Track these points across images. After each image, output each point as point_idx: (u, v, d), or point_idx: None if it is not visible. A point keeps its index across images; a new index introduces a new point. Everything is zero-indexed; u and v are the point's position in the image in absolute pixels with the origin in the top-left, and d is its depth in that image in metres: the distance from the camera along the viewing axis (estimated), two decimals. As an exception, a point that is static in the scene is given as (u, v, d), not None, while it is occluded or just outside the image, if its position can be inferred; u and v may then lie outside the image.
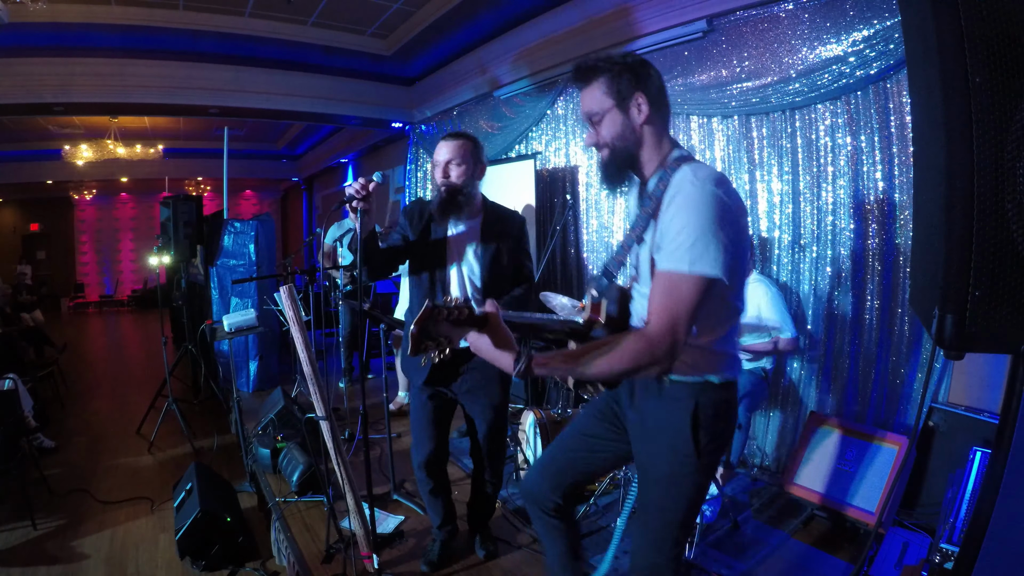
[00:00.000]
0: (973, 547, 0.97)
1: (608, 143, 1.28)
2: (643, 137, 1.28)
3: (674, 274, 1.12)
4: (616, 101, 1.26)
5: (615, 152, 1.28)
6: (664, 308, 1.12)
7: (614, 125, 1.27)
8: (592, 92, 1.28)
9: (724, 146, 3.42)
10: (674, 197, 1.16)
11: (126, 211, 14.11)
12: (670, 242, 1.13)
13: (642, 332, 1.14)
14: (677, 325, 1.10)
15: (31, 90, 5.12)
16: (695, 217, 1.11)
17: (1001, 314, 0.85)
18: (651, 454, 1.32)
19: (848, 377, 2.94)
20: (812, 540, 2.50)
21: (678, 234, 1.12)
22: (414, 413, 2.22)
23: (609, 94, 1.26)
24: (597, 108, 1.28)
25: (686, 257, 1.10)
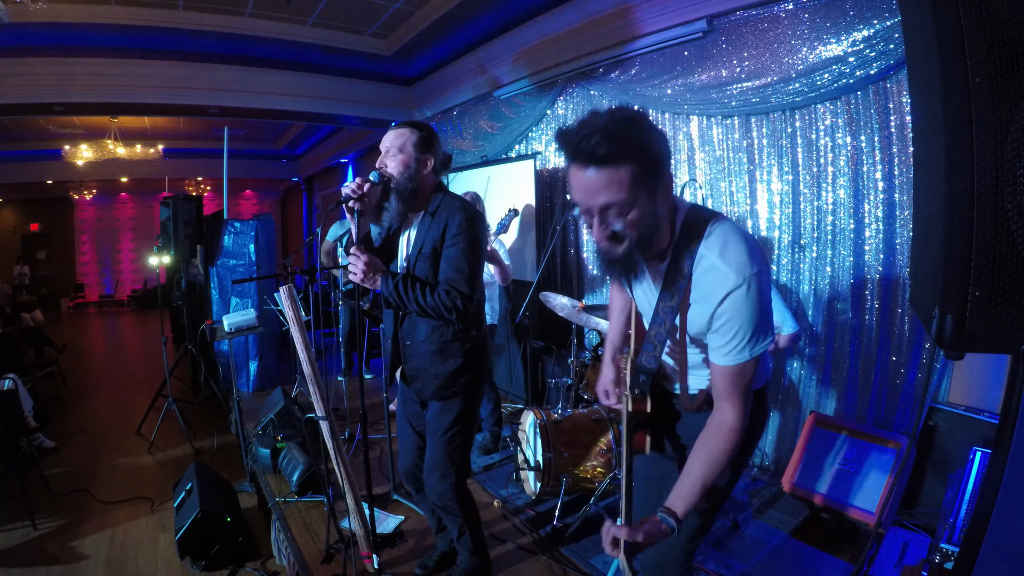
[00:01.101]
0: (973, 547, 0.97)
1: (634, 236, 1.08)
2: (664, 217, 1.14)
3: (738, 367, 1.15)
4: (648, 189, 1.04)
5: (640, 244, 1.10)
6: (738, 396, 1.16)
7: (645, 216, 1.07)
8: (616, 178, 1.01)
9: (724, 146, 3.42)
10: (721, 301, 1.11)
11: (126, 211, 14.11)
12: (729, 342, 1.13)
13: (724, 425, 1.17)
14: (749, 400, 1.18)
15: (31, 90, 5.12)
16: (749, 315, 1.11)
17: (1001, 314, 0.85)
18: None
19: (848, 377, 2.94)
20: (812, 540, 2.50)
21: (735, 336, 1.12)
22: (396, 419, 2.21)
23: (640, 183, 1.02)
24: (624, 198, 1.02)
25: (747, 350, 1.13)
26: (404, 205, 1.87)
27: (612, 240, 1.10)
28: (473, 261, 1.85)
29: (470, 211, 1.87)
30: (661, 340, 1.25)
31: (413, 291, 1.81)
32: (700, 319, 1.18)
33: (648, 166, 1.03)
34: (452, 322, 1.87)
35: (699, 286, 1.15)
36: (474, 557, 2.12)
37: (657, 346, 1.26)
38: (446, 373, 1.91)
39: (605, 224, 1.07)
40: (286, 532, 2.59)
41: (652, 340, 1.27)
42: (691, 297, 1.18)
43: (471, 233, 1.84)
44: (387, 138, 1.89)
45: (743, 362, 1.14)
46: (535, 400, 4.08)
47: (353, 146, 9.16)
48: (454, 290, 1.80)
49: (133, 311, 13.24)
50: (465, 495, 2.03)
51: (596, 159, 1.01)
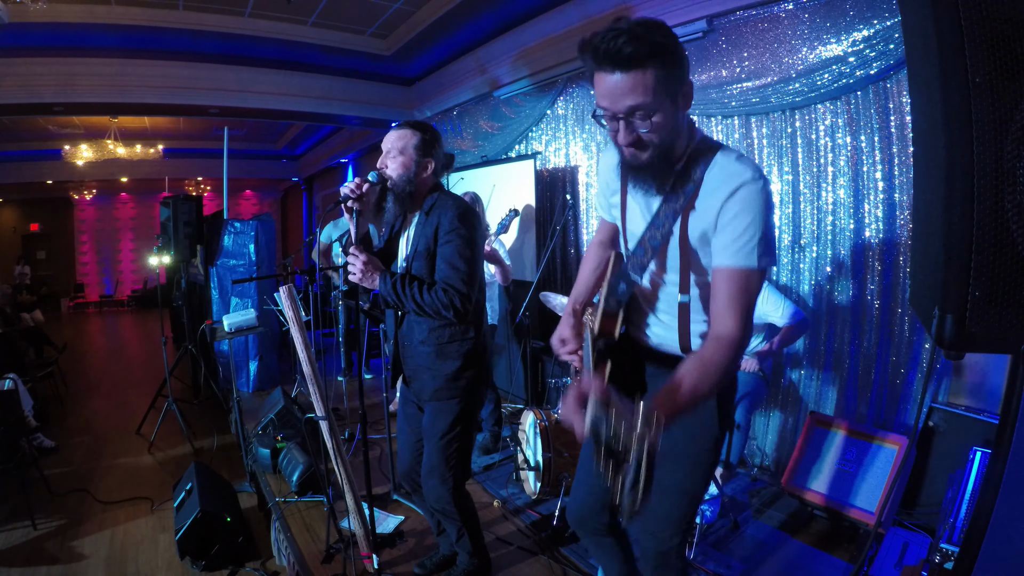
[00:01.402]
0: (973, 547, 0.97)
1: (657, 143, 1.10)
2: (682, 129, 1.15)
3: (745, 271, 1.10)
4: (670, 94, 1.06)
5: (663, 151, 1.11)
6: (738, 306, 1.10)
7: (667, 121, 1.08)
8: (643, 81, 1.03)
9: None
10: (733, 193, 1.09)
11: (126, 211, 14.11)
12: (737, 238, 1.10)
13: (722, 338, 1.10)
14: (749, 319, 1.12)
15: (31, 90, 5.12)
16: (758, 214, 1.09)
17: (1001, 314, 0.85)
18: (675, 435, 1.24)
19: (848, 377, 2.94)
20: (812, 540, 2.50)
21: (744, 232, 1.09)
22: (397, 420, 2.21)
23: (664, 86, 1.05)
24: (650, 101, 1.04)
25: (755, 254, 1.10)
26: (401, 206, 1.87)
27: (637, 146, 1.10)
28: (468, 258, 1.81)
29: (462, 208, 1.86)
30: (655, 244, 1.20)
31: (410, 289, 1.80)
32: (706, 216, 1.13)
33: (672, 69, 1.05)
34: (451, 321, 1.85)
35: (709, 184, 1.13)
36: (474, 558, 2.12)
37: (648, 251, 1.21)
38: (444, 374, 1.90)
39: (631, 128, 1.08)
40: (286, 532, 2.59)
41: (644, 244, 1.21)
42: (697, 200, 1.15)
43: (464, 230, 1.82)
44: (388, 138, 1.89)
45: (750, 268, 1.10)
46: (535, 400, 4.08)
47: (353, 146, 9.16)
48: (450, 288, 1.78)
49: (133, 311, 13.24)
50: (463, 498, 2.02)
51: (622, 61, 1.02)
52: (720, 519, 2.60)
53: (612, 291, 1.24)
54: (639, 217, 1.26)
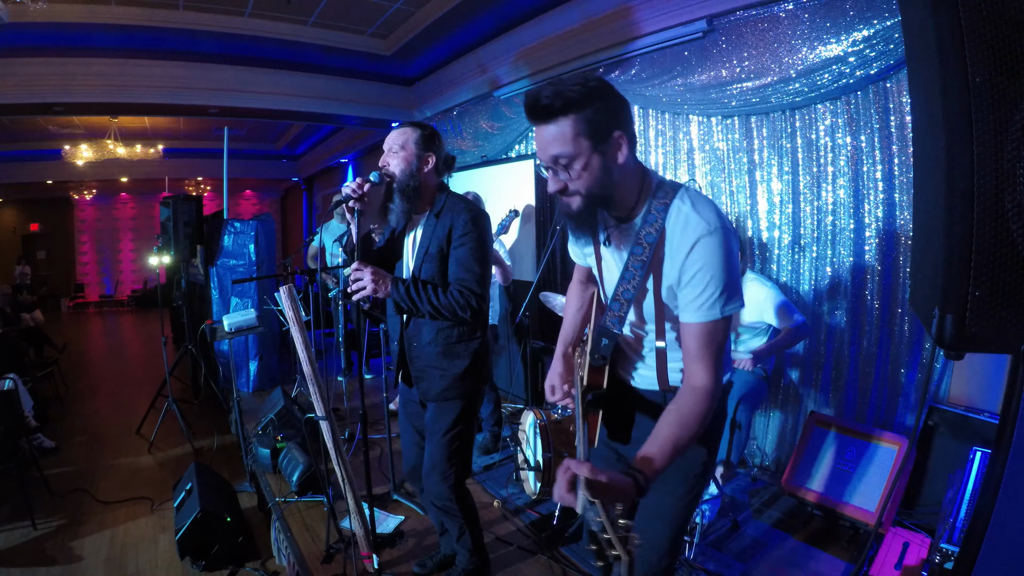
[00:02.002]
0: (973, 547, 0.97)
1: (584, 192, 1.12)
2: (622, 178, 1.15)
3: (710, 324, 1.14)
4: (592, 142, 1.09)
5: (591, 199, 1.14)
6: (709, 358, 1.14)
7: (591, 171, 1.11)
8: (559, 130, 1.08)
9: (724, 146, 3.42)
10: (691, 249, 1.12)
11: (126, 211, 14.11)
12: (699, 295, 1.13)
13: (696, 388, 1.14)
14: (720, 366, 1.16)
15: (31, 90, 5.12)
16: (719, 266, 1.11)
17: (1001, 314, 0.85)
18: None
19: (848, 377, 2.94)
20: (812, 540, 2.50)
21: (705, 289, 1.12)
22: (399, 420, 2.22)
23: (583, 134, 1.08)
24: (568, 150, 1.09)
25: (718, 305, 1.12)
26: (408, 203, 1.88)
27: (564, 193, 1.15)
28: (482, 260, 1.86)
29: (475, 210, 1.89)
30: (628, 298, 1.22)
31: (424, 293, 1.82)
32: (671, 273, 1.17)
33: (595, 117, 1.08)
34: (466, 321, 1.88)
35: (671, 236, 1.16)
36: (473, 557, 2.12)
37: (623, 304, 1.23)
38: (452, 374, 1.92)
39: (557, 177, 1.14)
40: (286, 532, 2.59)
41: (619, 298, 1.24)
42: (664, 250, 1.17)
43: (478, 232, 1.86)
44: (389, 137, 1.91)
45: (714, 319, 1.13)
46: (535, 400, 4.08)
47: (353, 146, 9.15)
48: (466, 289, 1.82)
49: (133, 311, 13.24)
50: (465, 496, 2.03)
51: (539, 114, 1.09)
52: (720, 519, 2.60)
53: (596, 346, 1.28)
54: (611, 267, 1.29)
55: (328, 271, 5.02)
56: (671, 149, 3.75)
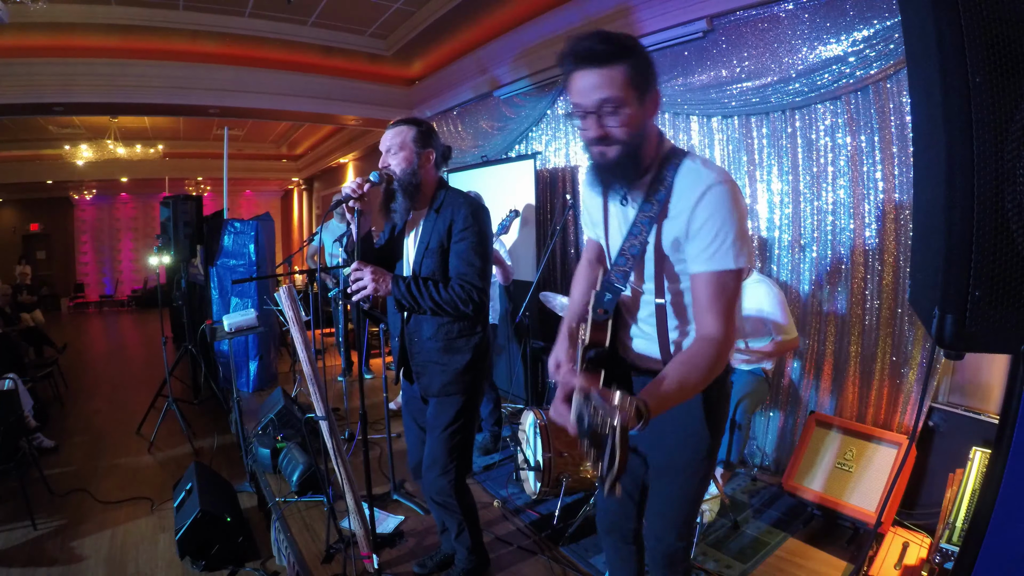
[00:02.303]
0: (973, 547, 0.97)
1: (624, 140, 1.13)
2: (650, 135, 1.19)
3: (721, 273, 1.13)
4: (637, 92, 1.11)
5: (631, 150, 1.15)
6: (722, 308, 1.13)
7: (635, 120, 1.13)
8: (611, 76, 1.09)
9: (724, 146, 3.42)
10: (700, 198, 1.12)
11: (126, 211, 14.11)
12: (710, 244, 1.12)
13: (705, 337, 1.13)
14: (733, 320, 1.14)
15: (31, 90, 5.12)
16: (730, 215, 1.12)
17: (1001, 314, 0.85)
18: (671, 448, 1.35)
19: (848, 377, 2.94)
20: (812, 540, 2.50)
21: (717, 235, 1.12)
22: (403, 417, 2.23)
23: (632, 83, 1.10)
24: (618, 95, 1.10)
25: (730, 254, 1.12)
26: (409, 200, 1.88)
27: (604, 142, 1.14)
28: (482, 253, 1.87)
29: (475, 204, 1.89)
30: (634, 253, 1.22)
31: (426, 289, 1.82)
32: (678, 223, 1.17)
33: (641, 69, 1.11)
34: (467, 315, 1.88)
35: (679, 191, 1.16)
36: (472, 556, 2.12)
37: (629, 259, 1.23)
38: (453, 369, 1.92)
39: (600, 123, 1.13)
40: (286, 532, 2.59)
41: (625, 253, 1.23)
42: (670, 204, 1.18)
43: (478, 226, 1.86)
44: (386, 137, 1.90)
45: (726, 269, 1.12)
46: (535, 400, 4.08)
47: (353, 146, 9.16)
48: (467, 283, 1.82)
49: (133, 311, 13.24)
50: (465, 492, 2.04)
51: (594, 58, 1.10)
52: (720, 519, 2.60)
53: (599, 301, 1.26)
54: (618, 227, 1.30)
55: (328, 271, 5.02)
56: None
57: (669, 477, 1.36)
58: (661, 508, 1.39)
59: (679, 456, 1.34)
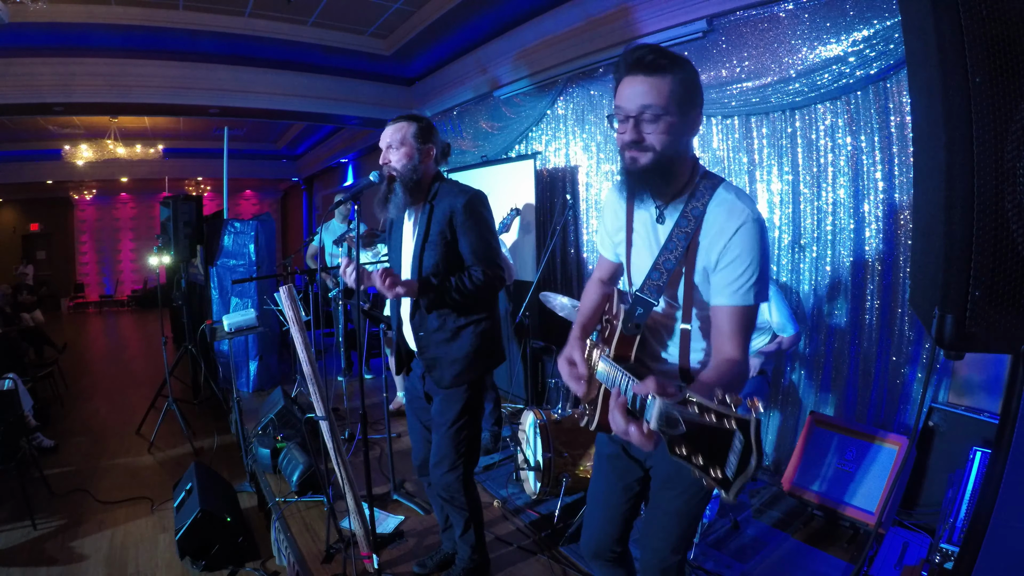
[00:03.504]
0: (973, 547, 0.97)
1: (658, 149, 1.16)
2: (685, 153, 1.22)
3: (743, 308, 1.18)
4: (680, 107, 1.15)
5: (662, 161, 1.18)
6: (740, 339, 1.18)
7: (671, 133, 1.16)
8: (658, 86, 1.14)
9: (724, 146, 3.42)
10: (735, 232, 1.16)
11: (126, 211, 14.11)
12: (737, 279, 1.17)
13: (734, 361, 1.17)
14: (748, 348, 1.20)
15: (31, 90, 5.12)
16: (758, 255, 1.17)
17: (1001, 314, 0.85)
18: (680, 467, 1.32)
19: (848, 377, 2.94)
20: (812, 540, 2.50)
21: (744, 272, 1.16)
22: (407, 416, 2.23)
23: (675, 97, 1.14)
24: (660, 105, 1.13)
25: (752, 292, 1.17)
26: (409, 196, 1.90)
27: (638, 147, 1.17)
28: (489, 237, 1.92)
29: (470, 191, 1.92)
30: (669, 268, 1.24)
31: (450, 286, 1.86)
32: (710, 254, 1.20)
33: (687, 86, 1.16)
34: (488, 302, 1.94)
35: (714, 218, 1.20)
36: (475, 555, 2.12)
37: (663, 273, 1.25)
38: (462, 357, 1.93)
39: (637, 128, 1.16)
40: (286, 532, 2.59)
41: (659, 267, 1.26)
42: (703, 231, 1.21)
43: (478, 213, 1.90)
44: (386, 134, 1.91)
45: (748, 305, 1.17)
46: (535, 400, 4.08)
47: (353, 146, 9.16)
48: (488, 267, 1.88)
49: (133, 311, 13.24)
50: (472, 488, 2.05)
51: (645, 67, 1.15)
52: (720, 519, 2.60)
53: (630, 315, 1.28)
54: (646, 242, 1.31)
55: (328, 271, 5.02)
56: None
57: (676, 491, 1.35)
58: (662, 521, 1.39)
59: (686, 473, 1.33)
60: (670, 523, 1.37)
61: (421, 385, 2.05)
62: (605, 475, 1.50)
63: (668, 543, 1.39)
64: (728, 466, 0.75)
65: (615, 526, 1.51)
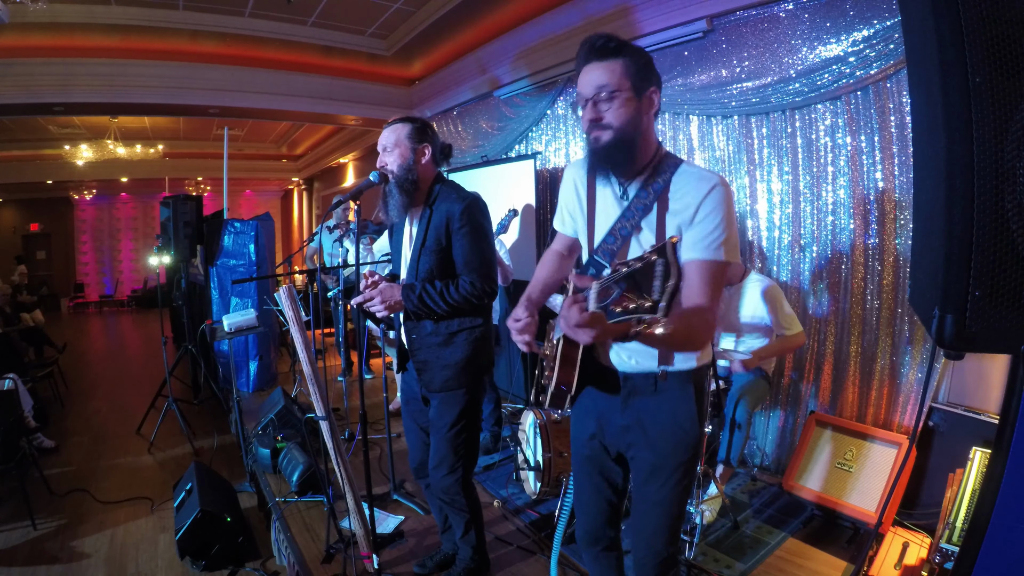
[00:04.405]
0: (973, 547, 0.97)
1: (616, 126, 1.25)
2: (646, 132, 1.29)
3: (713, 263, 1.24)
4: (633, 85, 1.24)
5: (623, 136, 1.25)
6: (710, 290, 1.23)
7: (627, 109, 1.25)
8: (610, 67, 1.23)
9: (724, 146, 3.42)
10: (708, 193, 1.23)
11: (126, 211, 14.11)
12: (709, 234, 1.23)
13: (698, 307, 1.20)
14: (717, 302, 1.26)
15: (31, 90, 5.12)
16: (727, 215, 1.24)
17: (1001, 314, 0.85)
18: (662, 451, 1.36)
19: (848, 377, 2.94)
20: (812, 540, 2.50)
21: (716, 228, 1.23)
22: (403, 418, 2.23)
23: (628, 76, 1.23)
24: (613, 84, 1.23)
25: (722, 249, 1.23)
26: (406, 197, 1.89)
27: (598, 126, 1.26)
28: (483, 246, 1.90)
29: (468, 198, 1.90)
30: (625, 234, 1.31)
31: (437, 294, 1.85)
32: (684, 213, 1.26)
33: (638, 66, 1.25)
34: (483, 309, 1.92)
35: (682, 186, 1.27)
36: (475, 555, 2.12)
37: (618, 239, 1.32)
38: (454, 363, 1.92)
39: (596, 108, 1.25)
40: (286, 532, 2.59)
41: (615, 233, 1.33)
42: (669, 197, 1.28)
43: (473, 221, 1.88)
44: (382, 137, 1.93)
45: (719, 260, 1.23)
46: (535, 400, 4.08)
47: (353, 146, 9.16)
48: (477, 279, 1.86)
49: (133, 311, 13.24)
50: (472, 490, 2.05)
51: (598, 52, 1.25)
52: (720, 519, 2.60)
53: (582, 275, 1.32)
54: (607, 214, 1.37)
55: (328, 272, 5.02)
56: (671, 149, 3.75)
57: (661, 480, 1.36)
58: (651, 514, 1.39)
59: (672, 457, 1.35)
60: (659, 514, 1.39)
61: (419, 387, 2.05)
62: (587, 474, 1.53)
63: (660, 536, 1.40)
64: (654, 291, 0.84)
65: (603, 513, 1.54)
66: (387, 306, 1.87)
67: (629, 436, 1.39)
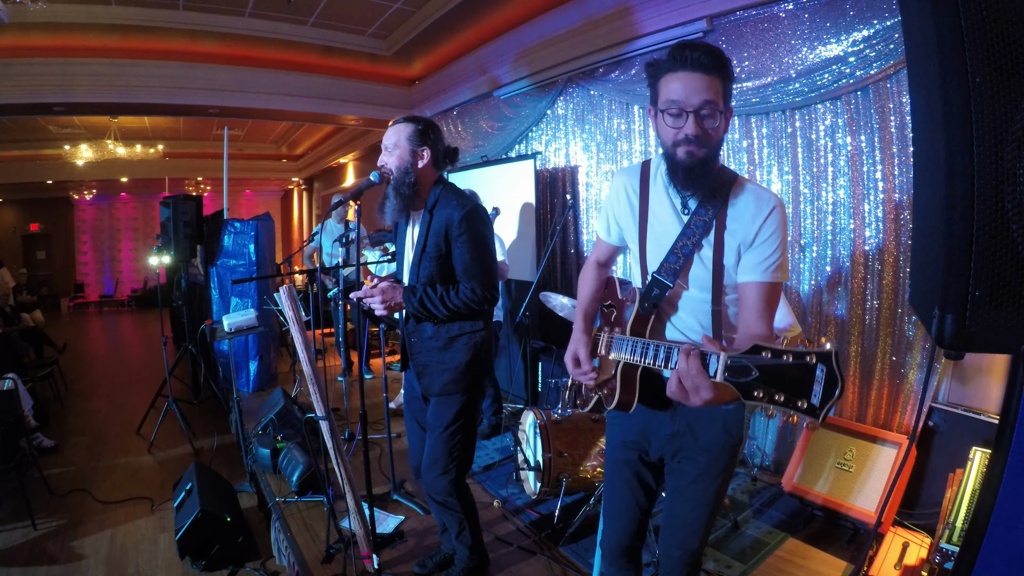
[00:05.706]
0: (973, 547, 0.97)
1: (712, 144, 1.23)
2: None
3: (770, 285, 1.26)
4: (726, 104, 1.23)
5: (714, 156, 1.25)
6: (768, 315, 1.25)
7: (721, 128, 1.24)
8: (714, 83, 1.20)
9: (724, 146, 3.42)
10: (769, 215, 1.24)
11: (126, 211, 14.11)
12: (768, 257, 1.25)
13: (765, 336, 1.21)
14: (772, 324, 1.28)
15: (31, 90, 5.12)
16: (783, 237, 1.26)
17: (1001, 314, 0.85)
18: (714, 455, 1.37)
19: (848, 377, 2.94)
20: (812, 540, 2.50)
21: (773, 253, 1.25)
22: (404, 417, 2.23)
23: (724, 95, 1.22)
24: (717, 101, 1.20)
25: (778, 273, 1.26)
26: (403, 200, 1.89)
27: (698, 142, 1.21)
28: (482, 254, 1.88)
29: (466, 204, 1.88)
30: (686, 253, 1.30)
31: (438, 298, 1.85)
32: (743, 233, 1.26)
33: (729, 88, 1.23)
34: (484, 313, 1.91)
35: (740, 205, 1.27)
36: (473, 555, 2.12)
37: (680, 258, 1.31)
38: (454, 367, 1.92)
39: (699, 123, 1.21)
40: (286, 532, 2.59)
41: (677, 252, 1.32)
42: (728, 216, 1.27)
43: (473, 229, 1.87)
44: (386, 135, 1.92)
45: (775, 282, 1.25)
46: (535, 400, 4.08)
47: (353, 146, 9.16)
48: (477, 285, 1.85)
49: (133, 311, 13.24)
50: (465, 491, 2.05)
51: (701, 64, 1.19)
52: (720, 519, 2.60)
53: (646, 296, 1.34)
54: (669, 224, 1.35)
55: (327, 272, 5.02)
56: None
57: (707, 482, 1.37)
58: (692, 515, 1.40)
59: (719, 461, 1.37)
60: (701, 514, 1.39)
61: (419, 386, 2.05)
62: (625, 479, 1.51)
63: (697, 535, 1.41)
64: (814, 395, 0.86)
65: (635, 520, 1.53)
66: (387, 306, 1.87)
67: (677, 442, 1.40)
